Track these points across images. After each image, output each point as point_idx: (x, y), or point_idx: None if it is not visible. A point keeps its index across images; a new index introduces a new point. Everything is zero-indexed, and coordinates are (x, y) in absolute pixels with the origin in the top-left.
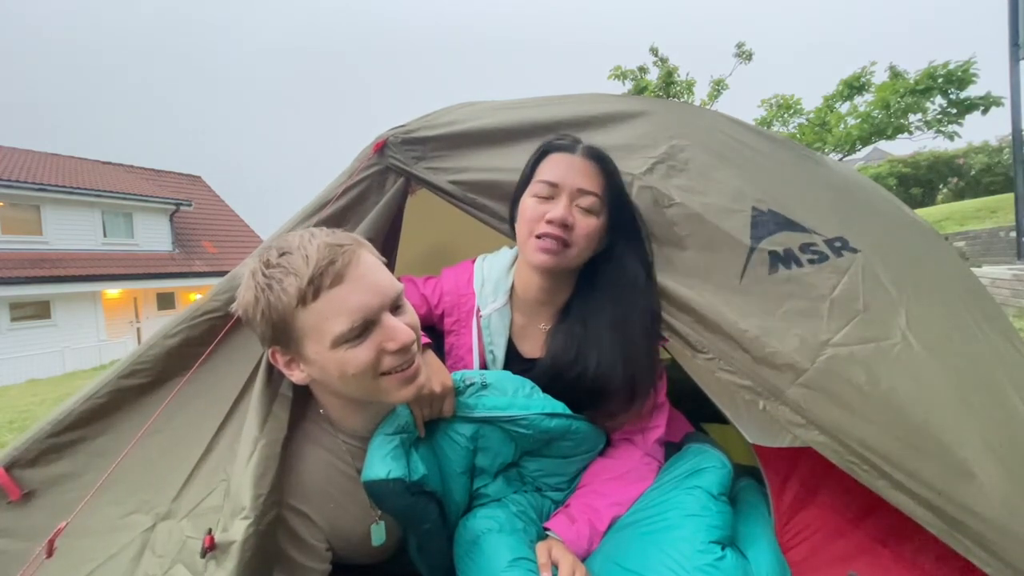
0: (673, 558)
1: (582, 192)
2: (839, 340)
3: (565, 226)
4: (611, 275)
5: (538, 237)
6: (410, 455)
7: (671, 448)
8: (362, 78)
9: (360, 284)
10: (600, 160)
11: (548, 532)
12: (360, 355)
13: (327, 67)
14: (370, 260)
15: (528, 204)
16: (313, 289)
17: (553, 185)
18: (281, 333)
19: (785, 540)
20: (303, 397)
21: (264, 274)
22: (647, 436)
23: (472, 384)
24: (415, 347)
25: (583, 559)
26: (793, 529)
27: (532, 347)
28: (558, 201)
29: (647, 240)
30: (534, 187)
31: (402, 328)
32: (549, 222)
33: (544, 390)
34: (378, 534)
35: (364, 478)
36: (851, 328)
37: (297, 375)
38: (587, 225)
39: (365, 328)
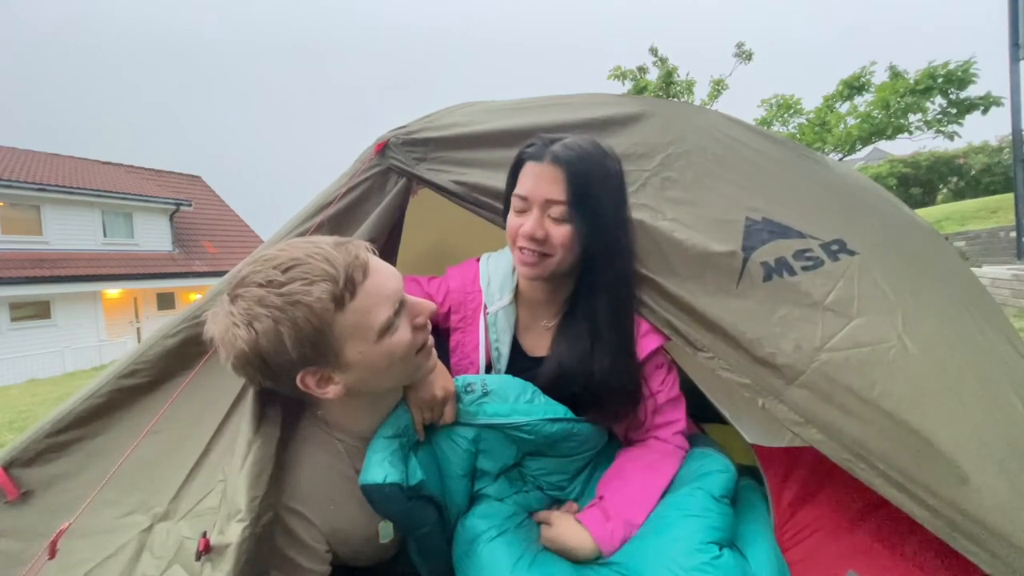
0: (671, 557)
1: (550, 203)
2: (833, 346)
3: (536, 240)
4: (607, 273)
5: (520, 250)
6: (408, 459)
7: None
8: (362, 78)
9: (383, 271)
10: (566, 164)
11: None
12: (402, 337)
13: (328, 67)
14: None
15: (510, 217)
16: (350, 288)
17: (524, 199)
18: (316, 348)
19: (784, 540)
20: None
21: (278, 295)
22: (668, 430)
23: (473, 390)
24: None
25: (610, 555)
26: (792, 529)
27: (536, 344)
28: (530, 215)
29: (632, 235)
30: (512, 201)
31: (422, 300)
32: (523, 236)
33: (547, 390)
34: (386, 531)
35: (361, 481)
36: (845, 333)
37: (332, 390)
38: (560, 234)
39: (399, 310)
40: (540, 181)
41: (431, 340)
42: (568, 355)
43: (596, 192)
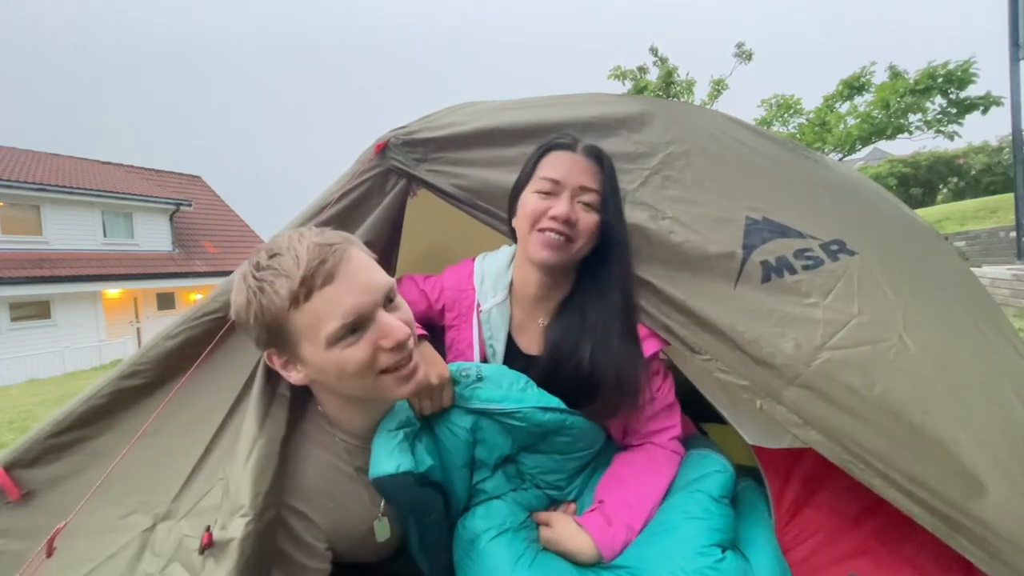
0: (673, 560)
1: (584, 189)
2: (834, 344)
3: (568, 222)
4: (606, 272)
5: (540, 231)
6: (415, 448)
7: None
8: (362, 79)
9: (351, 283)
10: (599, 158)
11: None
12: (357, 353)
13: (327, 67)
14: (361, 257)
15: (530, 199)
16: (305, 290)
17: (556, 182)
18: (275, 335)
19: (785, 541)
20: (301, 396)
21: (255, 277)
22: (664, 435)
23: (468, 375)
24: (411, 343)
25: (611, 560)
26: (793, 530)
27: (531, 342)
28: (560, 198)
29: (627, 238)
30: (536, 183)
31: (397, 325)
32: (553, 218)
33: (542, 384)
34: (382, 530)
35: (373, 474)
36: (846, 332)
37: (295, 376)
38: (588, 221)
39: (359, 326)
40: (574, 168)
41: (411, 367)
42: (560, 346)
43: (618, 189)
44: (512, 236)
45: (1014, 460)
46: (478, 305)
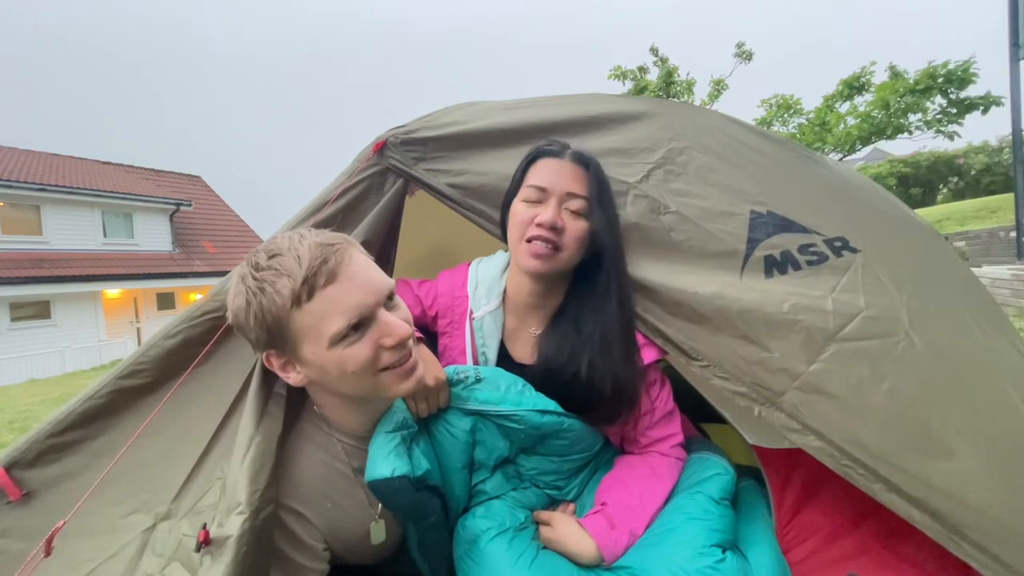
0: (674, 560)
1: (571, 196)
2: (844, 335)
3: (555, 229)
4: (601, 280)
5: (528, 241)
6: (412, 451)
7: None
8: (361, 79)
9: (354, 282)
10: (587, 164)
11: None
12: (359, 353)
13: (326, 68)
14: (361, 258)
15: (518, 209)
16: (307, 289)
17: (542, 190)
18: (276, 336)
19: (786, 540)
20: (298, 396)
21: (254, 277)
22: (666, 444)
23: (466, 377)
24: (411, 341)
25: (613, 562)
26: (794, 529)
27: (523, 351)
28: (547, 205)
29: (621, 244)
30: (524, 192)
31: (398, 323)
32: (539, 225)
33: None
34: (377, 533)
35: (369, 478)
36: (855, 324)
37: (294, 377)
38: (576, 228)
39: (361, 325)
40: (560, 175)
41: (411, 363)
42: (555, 356)
43: (608, 194)
44: (506, 240)
45: (1018, 459)
46: (471, 312)
